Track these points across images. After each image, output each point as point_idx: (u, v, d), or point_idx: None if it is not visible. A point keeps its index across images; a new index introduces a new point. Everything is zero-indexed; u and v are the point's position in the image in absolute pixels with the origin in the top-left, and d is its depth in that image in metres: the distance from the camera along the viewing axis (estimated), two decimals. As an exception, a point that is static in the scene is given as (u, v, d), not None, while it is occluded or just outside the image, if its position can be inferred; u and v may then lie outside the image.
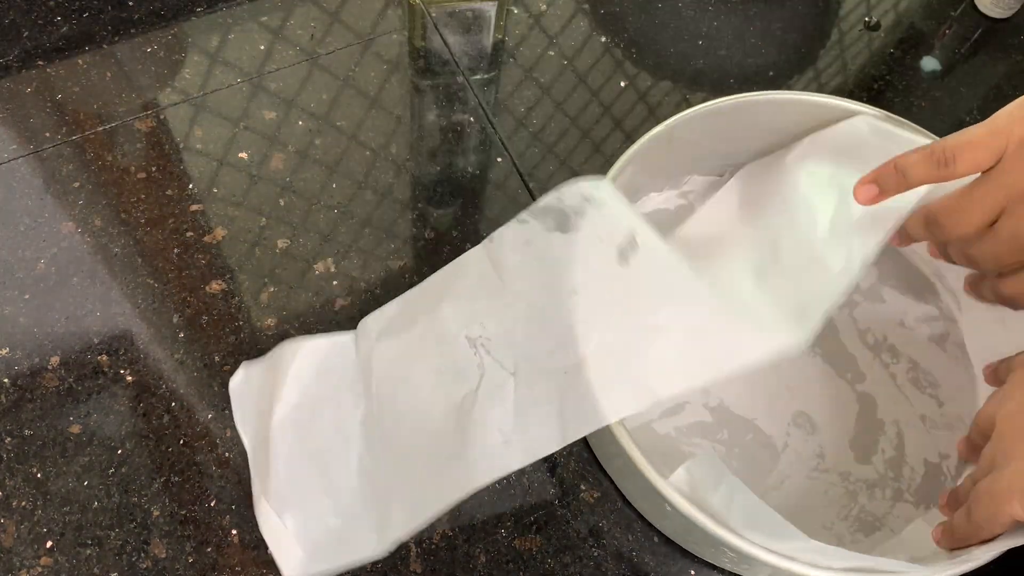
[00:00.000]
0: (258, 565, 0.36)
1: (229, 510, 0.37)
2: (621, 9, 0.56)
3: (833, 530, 0.38)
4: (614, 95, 0.52)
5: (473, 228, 0.46)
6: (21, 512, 0.37)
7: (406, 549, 0.37)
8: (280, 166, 0.47)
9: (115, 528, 0.37)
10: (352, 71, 0.51)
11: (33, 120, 0.47)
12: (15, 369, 0.40)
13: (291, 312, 0.42)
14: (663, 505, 0.31)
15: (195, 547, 0.36)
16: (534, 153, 0.49)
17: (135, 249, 0.44)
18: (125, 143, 0.47)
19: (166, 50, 0.51)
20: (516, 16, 0.55)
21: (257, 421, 0.38)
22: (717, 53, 0.55)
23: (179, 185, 0.46)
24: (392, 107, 0.50)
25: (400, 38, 0.53)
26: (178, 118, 0.48)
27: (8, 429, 0.38)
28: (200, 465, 0.38)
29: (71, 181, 0.45)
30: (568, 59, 0.53)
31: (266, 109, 0.49)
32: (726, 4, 0.57)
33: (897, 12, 0.59)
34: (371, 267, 0.44)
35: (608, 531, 0.38)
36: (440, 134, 0.49)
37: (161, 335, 0.41)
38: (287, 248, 0.44)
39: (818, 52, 0.56)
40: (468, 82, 0.51)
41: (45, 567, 0.36)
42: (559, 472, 0.39)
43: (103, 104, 0.48)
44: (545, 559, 0.37)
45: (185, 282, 0.43)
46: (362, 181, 0.47)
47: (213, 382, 0.40)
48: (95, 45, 0.50)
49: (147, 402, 0.39)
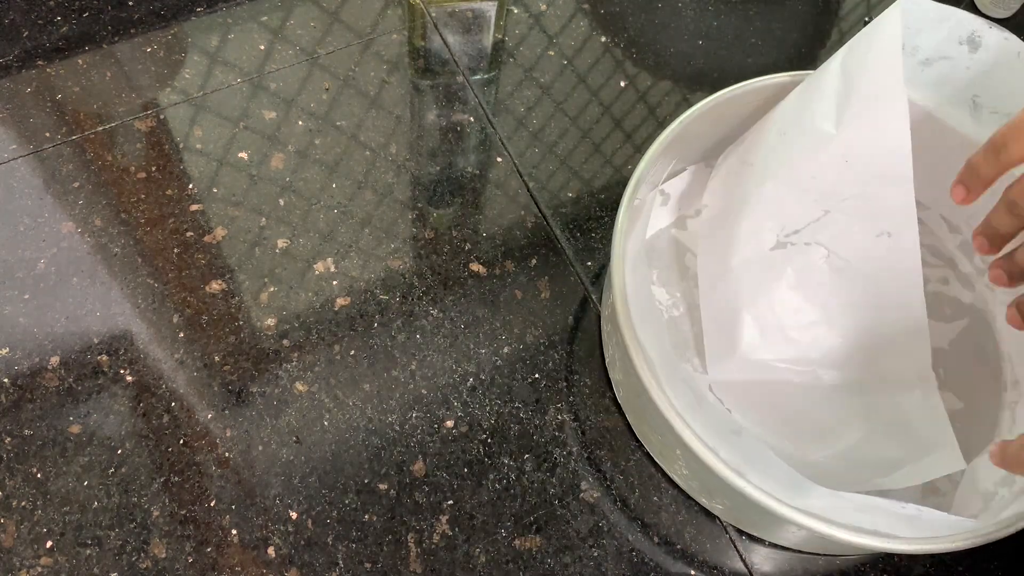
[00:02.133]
0: (258, 565, 0.36)
1: (229, 510, 0.37)
2: (621, 9, 0.56)
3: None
4: (614, 95, 0.52)
5: (473, 228, 0.46)
6: (21, 512, 0.37)
7: (406, 549, 0.37)
8: (280, 166, 0.47)
9: (115, 528, 0.37)
10: (352, 71, 0.51)
11: (33, 120, 0.47)
12: (15, 369, 0.40)
13: (291, 312, 0.42)
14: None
15: (195, 547, 0.36)
16: (534, 153, 0.49)
17: (135, 249, 0.44)
18: (125, 143, 0.47)
19: (166, 50, 0.51)
20: (516, 16, 0.55)
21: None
22: (717, 53, 0.55)
23: (179, 185, 0.46)
24: (392, 107, 0.50)
25: (400, 38, 0.53)
26: (178, 118, 0.48)
27: (8, 429, 0.38)
28: (200, 465, 0.38)
29: (71, 181, 0.45)
30: (568, 59, 0.53)
31: (266, 109, 0.49)
32: (726, 4, 0.57)
33: (897, 12, 0.59)
34: (371, 267, 0.44)
35: (608, 531, 0.38)
36: (440, 134, 0.49)
37: (161, 335, 0.41)
38: (287, 248, 0.44)
39: (818, 52, 0.56)
40: (468, 82, 0.51)
41: (45, 567, 0.36)
42: (559, 472, 0.39)
43: (103, 104, 0.48)
44: (545, 559, 0.37)
45: (185, 282, 0.43)
46: (362, 181, 0.47)
47: (213, 382, 0.40)
48: (95, 45, 0.50)
49: (147, 402, 0.39)
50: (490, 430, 0.40)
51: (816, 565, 0.38)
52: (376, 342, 0.42)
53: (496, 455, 0.39)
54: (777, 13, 0.57)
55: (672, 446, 0.35)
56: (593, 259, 0.46)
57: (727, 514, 0.38)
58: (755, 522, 0.37)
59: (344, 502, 0.38)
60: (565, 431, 0.40)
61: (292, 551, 0.37)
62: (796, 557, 0.38)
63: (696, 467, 0.34)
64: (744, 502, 0.32)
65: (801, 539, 0.36)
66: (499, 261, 0.45)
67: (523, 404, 0.41)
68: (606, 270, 0.44)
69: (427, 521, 0.38)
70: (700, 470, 0.32)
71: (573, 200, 0.48)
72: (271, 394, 0.40)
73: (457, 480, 0.39)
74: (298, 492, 0.38)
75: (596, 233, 0.46)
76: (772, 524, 0.36)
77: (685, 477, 0.37)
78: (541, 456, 0.40)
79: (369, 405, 0.40)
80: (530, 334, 0.43)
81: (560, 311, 0.44)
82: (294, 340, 0.42)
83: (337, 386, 0.41)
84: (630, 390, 0.38)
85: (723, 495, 0.35)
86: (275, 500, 0.38)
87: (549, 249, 0.46)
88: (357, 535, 0.37)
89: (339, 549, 0.37)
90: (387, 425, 0.40)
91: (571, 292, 0.44)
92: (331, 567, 0.36)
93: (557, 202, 0.47)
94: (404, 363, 0.41)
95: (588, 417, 0.41)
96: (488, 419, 0.40)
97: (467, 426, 0.40)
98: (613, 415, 0.41)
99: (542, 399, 0.41)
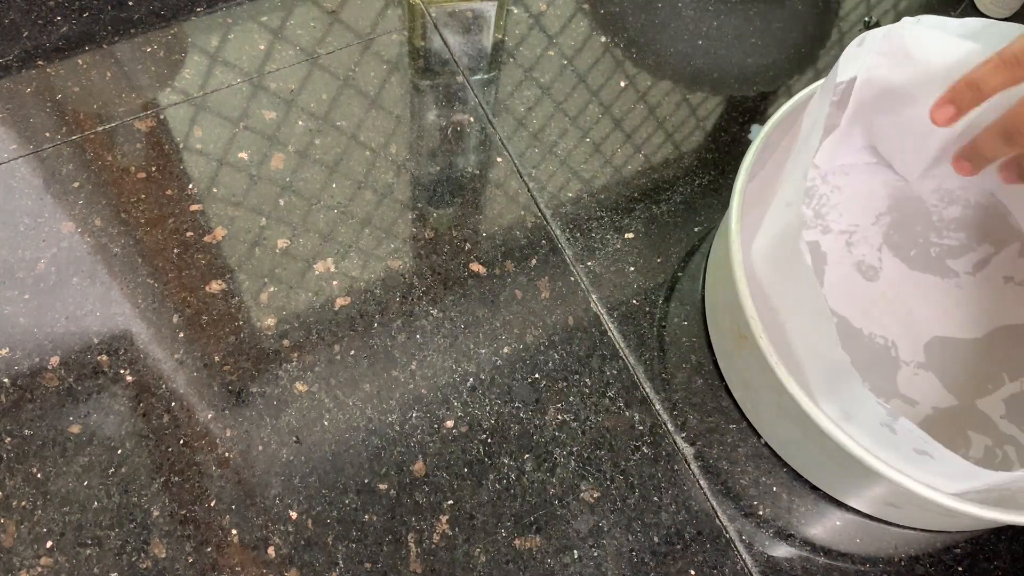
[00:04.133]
0: (258, 565, 0.36)
1: (229, 510, 0.37)
2: (621, 9, 0.56)
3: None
4: (614, 95, 0.52)
5: (473, 228, 0.46)
6: (21, 512, 0.37)
7: (406, 549, 0.37)
8: (280, 166, 0.47)
9: (115, 528, 0.37)
10: (352, 71, 0.51)
11: (33, 120, 0.47)
12: (15, 369, 0.40)
13: (291, 312, 0.42)
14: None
15: (195, 547, 0.36)
16: (534, 153, 0.49)
17: (135, 249, 0.44)
18: (125, 143, 0.47)
19: (166, 50, 0.51)
20: (516, 16, 0.55)
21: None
22: (717, 53, 0.55)
23: (179, 185, 0.46)
24: (392, 107, 0.50)
25: (400, 38, 0.53)
26: (178, 118, 0.48)
27: (8, 429, 0.38)
28: (200, 465, 0.38)
29: (71, 181, 0.45)
30: (568, 59, 0.53)
31: (266, 109, 0.49)
32: (726, 4, 0.57)
33: (897, 12, 0.59)
34: (371, 267, 0.44)
35: (608, 531, 0.38)
36: (440, 134, 0.49)
37: (161, 335, 0.41)
38: (287, 248, 0.44)
39: (818, 52, 0.56)
40: (468, 82, 0.51)
41: (45, 567, 0.36)
42: (559, 472, 0.39)
43: (103, 104, 0.48)
44: (545, 559, 0.37)
45: (185, 282, 0.43)
46: (362, 181, 0.47)
47: (213, 382, 0.40)
48: (95, 45, 0.50)
49: (147, 402, 0.39)
50: (490, 430, 0.40)
51: (816, 565, 0.39)
52: (376, 342, 0.42)
53: (496, 455, 0.39)
54: (777, 13, 0.57)
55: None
56: (593, 259, 0.46)
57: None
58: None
59: (344, 502, 0.38)
60: (565, 431, 0.40)
61: (292, 551, 0.37)
62: (796, 557, 0.38)
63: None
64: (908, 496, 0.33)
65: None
66: (499, 261, 0.45)
67: (523, 404, 0.41)
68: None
69: (427, 521, 0.38)
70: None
71: (573, 200, 0.48)
72: (271, 394, 0.40)
73: (457, 480, 0.39)
74: (298, 492, 0.38)
75: (596, 233, 0.46)
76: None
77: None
78: (541, 456, 0.40)
79: (369, 405, 0.40)
80: (530, 334, 0.43)
81: (560, 311, 0.44)
82: (294, 340, 0.42)
83: (337, 386, 0.41)
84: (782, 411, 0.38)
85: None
86: (275, 500, 0.38)
87: (549, 249, 0.46)
88: (357, 535, 0.37)
89: (339, 549, 0.37)
90: (387, 425, 0.40)
91: (571, 292, 0.44)
92: (331, 567, 0.36)
93: (557, 202, 0.47)
94: (404, 363, 0.41)
95: (588, 417, 0.41)
96: (488, 419, 0.40)
97: (467, 426, 0.40)
98: (613, 414, 0.41)
99: (542, 399, 0.41)
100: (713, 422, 0.41)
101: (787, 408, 0.35)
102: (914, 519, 0.39)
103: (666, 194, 0.49)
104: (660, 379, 0.42)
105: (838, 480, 0.39)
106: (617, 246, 0.46)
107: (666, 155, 0.50)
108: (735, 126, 0.52)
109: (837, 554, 0.39)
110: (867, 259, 0.46)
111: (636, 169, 0.49)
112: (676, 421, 0.41)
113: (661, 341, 0.43)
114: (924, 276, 0.46)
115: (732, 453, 0.41)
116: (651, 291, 0.45)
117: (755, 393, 0.40)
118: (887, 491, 0.36)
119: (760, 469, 0.40)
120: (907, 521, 0.39)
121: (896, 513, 0.39)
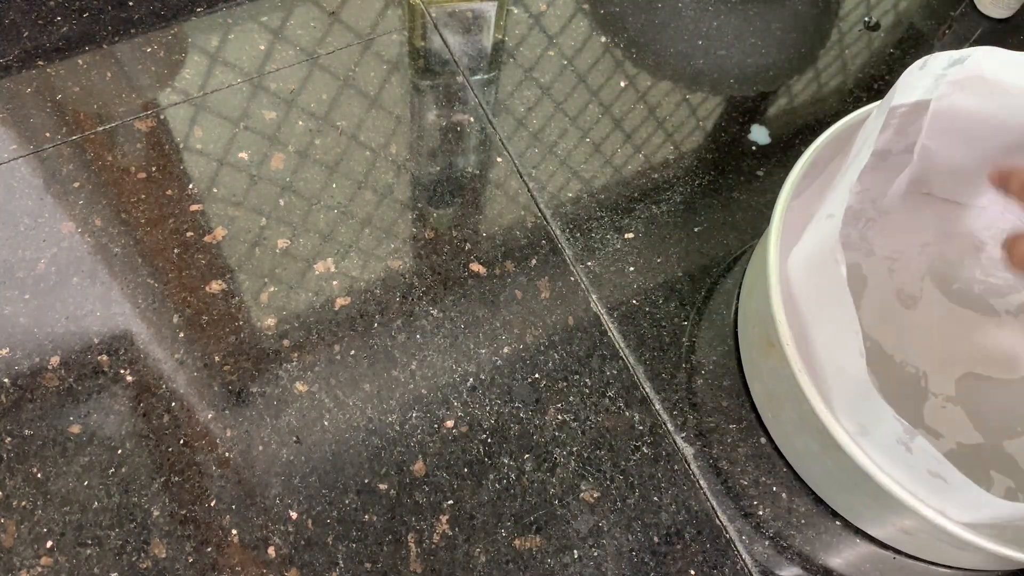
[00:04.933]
0: (258, 565, 0.36)
1: (229, 510, 0.37)
2: (621, 9, 0.56)
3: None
4: (614, 95, 0.52)
5: (473, 228, 0.46)
6: (21, 512, 0.37)
7: (406, 549, 0.37)
8: (280, 166, 0.47)
9: (115, 528, 0.37)
10: (352, 71, 0.51)
11: (33, 120, 0.47)
12: (15, 369, 0.40)
13: (291, 312, 0.42)
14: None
15: (195, 547, 0.36)
16: (534, 153, 0.49)
17: (135, 249, 0.44)
18: (125, 143, 0.47)
19: (166, 50, 0.51)
20: (516, 16, 0.55)
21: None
22: (717, 53, 0.55)
23: (179, 185, 0.46)
24: (392, 107, 0.50)
25: (400, 38, 0.53)
26: (178, 118, 0.48)
27: (8, 429, 0.38)
28: (200, 465, 0.38)
29: (71, 181, 0.45)
30: (568, 59, 0.53)
31: (266, 109, 0.49)
32: (726, 4, 0.57)
33: (897, 12, 0.59)
34: (371, 267, 0.44)
35: (608, 531, 0.38)
36: (440, 134, 0.49)
37: (161, 335, 0.41)
38: (287, 248, 0.44)
39: (818, 52, 0.56)
40: (468, 82, 0.51)
41: (45, 567, 0.36)
42: (559, 472, 0.39)
43: (103, 104, 0.48)
44: (545, 559, 0.37)
45: (185, 282, 0.43)
46: (362, 181, 0.47)
47: (213, 382, 0.40)
48: (95, 45, 0.50)
49: (147, 402, 0.39)
50: (490, 430, 0.40)
51: (816, 565, 0.38)
52: (376, 342, 0.42)
53: (496, 455, 0.39)
54: (777, 13, 0.57)
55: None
56: (593, 259, 0.46)
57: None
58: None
59: (344, 502, 0.38)
60: (565, 431, 0.40)
61: (292, 551, 0.37)
62: (796, 557, 0.38)
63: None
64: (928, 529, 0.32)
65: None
66: (499, 261, 0.45)
67: (523, 404, 0.41)
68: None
69: (427, 521, 0.38)
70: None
71: (573, 200, 0.48)
72: (271, 394, 0.40)
73: (457, 480, 0.39)
74: (298, 492, 0.38)
75: (596, 233, 0.46)
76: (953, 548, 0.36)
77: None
78: (541, 456, 0.40)
79: (369, 405, 0.40)
80: (530, 334, 0.43)
81: (560, 311, 0.44)
82: (294, 340, 0.42)
83: (337, 386, 0.41)
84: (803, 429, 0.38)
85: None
86: (275, 500, 0.38)
87: (549, 249, 0.46)
88: (357, 535, 0.37)
89: (339, 549, 0.37)
90: (387, 425, 0.40)
91: (571, 292, 0.44)
92: (331, 567, 0.36)
93: (557, 202, 0.47)
94: (404, 363, 0.41)
95: (588, 417, 0.41)
96: (488, 419, 0.40)
97: (467, 426, 0.40)
98: (613, 414, 0.41)
99: (542, 399, 0.41)
100: (713, 422, 0.41)
101: (807, 419, 0.34)
102: (925, 550, 0.38)
103: (666, 194, 0.49)
104: (660, 379, 0.42)
105: (853, 501, 0.38)
106: (617, 246, 0.46)
107: (666, 155, 0.50)
108: (735, 126, 0.52)
109: (837, 554, 0.39)
110: (907, 287, 0.45)
111: (636, 169, 0.49)
112: (676, 421, 0.41)
113: (661, 341, 0.43)
114: (964, 311, 0.45)
115: (732, 453, 0.41)
116: (651, 291, 0.45)
117: (777, 403, 0.39)
118: (899, 516, 0.35)
119: (760, 469, 0.40)
120: (920, 552, 0.39)
121: (909, 542, 0.38)
